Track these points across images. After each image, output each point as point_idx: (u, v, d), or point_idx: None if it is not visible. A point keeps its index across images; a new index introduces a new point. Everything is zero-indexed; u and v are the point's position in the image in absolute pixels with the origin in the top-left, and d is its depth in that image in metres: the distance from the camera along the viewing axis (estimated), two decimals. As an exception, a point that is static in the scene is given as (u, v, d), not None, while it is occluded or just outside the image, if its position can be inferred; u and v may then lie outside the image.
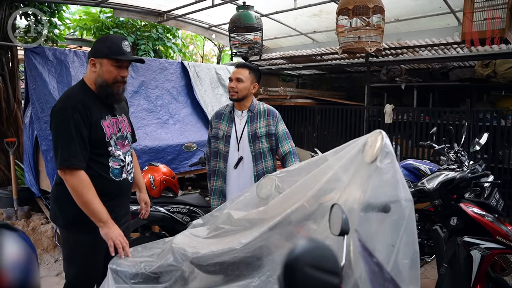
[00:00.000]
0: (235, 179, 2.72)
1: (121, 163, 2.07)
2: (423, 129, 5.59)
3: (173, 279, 1.69)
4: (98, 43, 2.04)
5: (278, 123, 2.79)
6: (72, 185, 1.87)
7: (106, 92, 2.01)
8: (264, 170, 2.69)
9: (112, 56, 1.96)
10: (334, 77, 8.76)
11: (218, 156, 2.75)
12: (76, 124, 1.87)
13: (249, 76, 2.70)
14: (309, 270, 0.64)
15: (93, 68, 1.99)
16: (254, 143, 2.69)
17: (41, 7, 5.53)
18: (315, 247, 0.69)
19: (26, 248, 1.02)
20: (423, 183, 2.66)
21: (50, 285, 3.49)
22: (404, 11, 4.93)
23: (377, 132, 1.42)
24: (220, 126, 2.76)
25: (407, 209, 1.34)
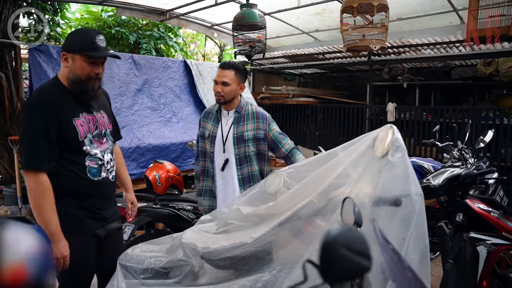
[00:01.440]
0: (220, 181, 2.63)
1: (98, 161, 1.95)
2: (425, 128, 5.60)
3: (183, 274, 1.69)
4: (70, 37, 1.91)
5: (270, 125, 2.64)
6: (29, 187, 1.76)
7: (80, 88, 1.88)
8: (250, 174, 2.59)
9: (84, 52, 1.83)
10: (335, 76, 8.78)
11: (205, 156, 2.67)
12: (43, 122, 1.76)
13: (235, 78, 2.52)
14: (344, 251, 0.66)
15: (65, 63, 1.87)
16: (239, 145, 2.56)
17: (44, 6, 5.55)
18: (349, 229, 0.71)
19: (42, 240, 1.03)
20: (428, 180, 2.67)
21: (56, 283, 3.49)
22: (406, 10, 4.94)
23: (387, 127, 1.43)
24: (207, 125, 2.66)
25: (417, 203, 1.35)
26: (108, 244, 2.01)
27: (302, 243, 1.58)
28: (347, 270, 0.68)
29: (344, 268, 0.68)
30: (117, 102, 4.20)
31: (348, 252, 0.66)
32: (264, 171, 2.66)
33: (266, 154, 2.66)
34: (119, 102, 4.22)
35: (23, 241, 0.98)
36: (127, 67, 4.44)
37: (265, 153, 2.65)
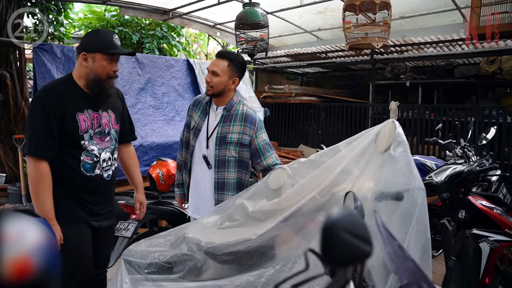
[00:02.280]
0: (199, 178, 2.41)
1: (94, 158, 1.99)
2: (428, 126, 5.60)
3: (187, 269, 1.71)
4: (89, 38, 2.00)
5: (258, 132, 2.35)
6: (29, 171, 1.88)
7: (99, 87, 1.98)
8: (225, 181, 2.32)
9: (105, 50, 1.93)
10: (338, 75, 8.77)
11: (186, 147, 2.50)
12: (48, 115, 1.86)
13: (227, 70, 2.28)
14: (345, 235, 0.67)
15: (84, 63, 1.94)
16: (220, 147, 2.31)
17: (48, 6, 5.57)
18: (349, 213, 0.71)
19: (48, 233, 1.04)
20: (430, 177, 2.67)
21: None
22: (409, 8, 4.93)
23: (390, 122, 1.44)
24: (194, 115, 2.43)
25: (419, 197, 1.36)
26: (97, 243, 2.06)
27: (305, 239, 1.60)
28: (348, 255, 0.69)
29: (345, 253, 0.68)
30: (121, 101, 4.22)
31: (349, 236, 0.67)
32: (245, 181, 2.39)
33: (248, 163, 2.41)
34: (122, 100, 4.24)
35: (29, 234, 0.98)
36: (130, 66, 4.46)
37: (247, 162, 2.39)
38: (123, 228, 3.03)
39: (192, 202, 2.48)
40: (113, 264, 2.82)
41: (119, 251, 2.78)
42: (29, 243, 0.96)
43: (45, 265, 0.96)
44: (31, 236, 0.97)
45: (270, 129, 7.45)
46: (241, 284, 1.53)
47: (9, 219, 0.99)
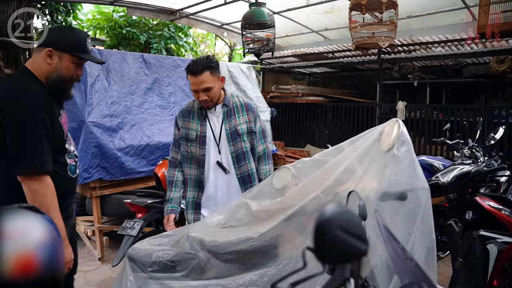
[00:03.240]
0: (215, 187, 2.29)
1: (75, 158, 1.94)
2: (436, 127, 5.55)
3: (190, 268, 1.71)
4: (60, 34, 1.81)
5: (257, 119, 2.41)
6: (36, 191, 1.66)
7: (59, 88, 1.81)
8: (250, 173, 2.32)
9: (76, 53, 1.77)
10: (345, 75, 8.74)
11: (189, 162, 2.29)
12: (44, 124, 1.69)
13: (212, 77, 2.17)
14: (339, 232, 0.66)
15: (48, 60, 1.75)
16: (234, 142, 2.28)
17: (57, 7, 5.64)
18: (344, 211, 0.71)
19: (52, 230, 1.05)
20: (437, 177, 2.65)
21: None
22: (416, 7, 4.89)
23: (393, 121, 1.43)
24: (191, 125, 2.29)
25: (423, 197, 1.35)
26: None
27: (307, 238, 1.59)
28: (342, 253, 0.68)
29: (339, 250, 0.68)
30: (128, 101, 4.24)
31: (343, 233, 0.66)
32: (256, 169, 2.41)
33: (255, 150, 2.41)
34: (129, 100, 4.26)
35: (34, 230, 0.99)
36: (138, 66, 4.48)
37: (255, 149, 2.40)
38: (129, 226, 3.05)
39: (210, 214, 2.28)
40: (118, 262, 2.84)
41: (125, 249, 2.80)
42: (33, 239, 0.96)
43: (49, 262, 0.97)
44: (36, 232, 0.98)
45: (276, 129, 7.44)
46: (243, 283, 1.53)
47: (14, 215, 1.00)
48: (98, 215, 3.92)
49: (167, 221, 2.24)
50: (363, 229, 0.70)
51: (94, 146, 3.75)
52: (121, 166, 3.92)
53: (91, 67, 4.00)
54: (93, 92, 3.93)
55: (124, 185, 4.06)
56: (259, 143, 2.40)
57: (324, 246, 0.67)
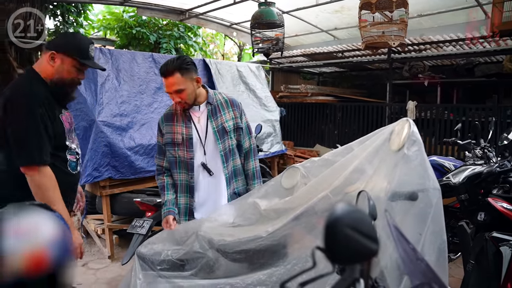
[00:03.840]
0: (205, 189, 2.22)
1: (76, 155, 2.01)
2: (446, 127, 5.49)
3: (199, 267, 1.72)
4: (65, 38, 1.93)
5: (242, 115, 2.34)
6: (38, 182, 1.76)
7: (60, 90, 1.90)
8: (233, 169, 2.26)
9: (77, 57, 1.86)
10: (355, 75, 8.70)
11: (178, 167, 2.22)
12: (43, 119, 1.78)
13: (184, 79, 2.10)
14: (349, 232, 0.65)
15: (51, 62, 1.85)
16: (222, 139, 2.21)
17: (68, 8, 5.70)
18: (354, 210, 0.70)
19: (63, 227, 1.06)
20: (448, 178, 2.62)
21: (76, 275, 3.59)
22: (427, 6, 4.84)
23: (404, 120, 1.41)
24: (175, 129, 2.21)
25: (434, 197, 1.33)
26: None
27: (317, 238, 1.58)
28: (352, 252, 0.67)
29: (349, 250, 0.67)
30: (137, 100, 4.26)
31: (353, 233, 0.65)
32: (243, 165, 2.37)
33: (242, 147, 2.35)
34: (139, 100, 4.28)
35: (45, 227, 1.00)
36: (147, 65, 4.50)
37: (242, 145, 2.34)
38: (138, 225, 3.06)
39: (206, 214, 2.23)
40: (128, 260, 2.86)
41: (134, 248, 2.81)
42: (45, 236, 0.97)
43: (60, 258, 0.98)
44: (47, 230, 0.99)
45: (286, 129, 7.43)
46: (252, 283, 1.52)
47: (25, 212, 1.01)
48: (108, 214, 3.95)
49: (166, 223, 2.13)
50: (374, 228, 0.69)
51: (104, 145, 3.78)
52: (131, 165, 3.95)
53: (102, 67, 4.03)
54: (103, 92, 3.95)
55: (133, 184, 4.09)
56: (246, 139, 2.34)
57: (334, 245, 0.67)
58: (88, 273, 3.60)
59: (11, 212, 1.01)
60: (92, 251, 4.11)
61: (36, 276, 0.93)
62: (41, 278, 0.94)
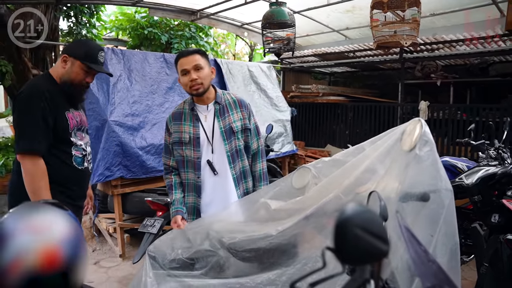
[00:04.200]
0: (212, 189, 2.20)
1: (82, 152, 2.14)
2: (459, 127, 5.42)
3: (209, 266, 1.72)
4: (76, 44, 2.15)
5: (251, 116, 2.32)
6: (27, 170, 1.89)
7: (69, 89, 2.07)
8: (241, 170, 2.24)
9: (85, 61, 2.03)
10: (366, 75, 8.64)
11: (186, 166, 2.21)
12: (42, 111, 1.92)
13: (204, 61, 2.15)
14: (359, 232, 0.65)
15: (63, 64, 2.05)
16: (229, 140, 2.20)
17: (82, 9, 5.77)
18: (364, 210, 0.69)
19: (76, 225, 1.07)
20: (461, 179, 2.58)
21: (88, 273, 3.63)
22: (440, 5, 4.78)
23: (415, 120, 1.40)
24: (183, 128, 2.20)
25: (446, 198, 1.32)
26: None
27: (327, 238, 1.57)
28: (362, 253, 0.66)
29: (359, 250, 0.66)
30: (149, 100, 4.30)
31: (363, 233, 0.65)
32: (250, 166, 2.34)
33: (250, 148, 2.33)
34: (150, 100, 4.31)
35: (58, 225, 1.01)
36: (159, 66, 4.53)
37: (250, 146, 2.32)
38: (149, 224, 3.08)
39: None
40: (139, 259, 2.88)
41: (145, 247, 2.83)
42: (58, 234, 0.99)
43: (72, 256, 0.99)
44: (60, 227, 1.01)
45: (297, 129, 7.41)
46: (262, 282, 1.52)
47: (39, 210, 1.03)
48: (120, 213, 3.98)
49: (175, 223, 2.11)
50: (384, 229, 0.68)
51: (116, 145, 3.82)
52: (142, 164, 3.98)
53: (114, 67, 4.08)
54: (115, 92, 3.99)
55: (145, 183, 4.12)
56: (254, 140, 2.32)
57: (344, 245, 0.66)
58: (100, 271, 3.64)
59: (25, 210, 1.03)
60: (103, 250, 4.15)
61: (49, 273, 0.94)
62: (54, 275, 0.95)
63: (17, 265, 0.91)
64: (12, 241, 0.93)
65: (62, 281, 0.98)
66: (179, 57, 2.17)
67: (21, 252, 0.92)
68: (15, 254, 0.92)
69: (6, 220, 0.98)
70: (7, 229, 0.95)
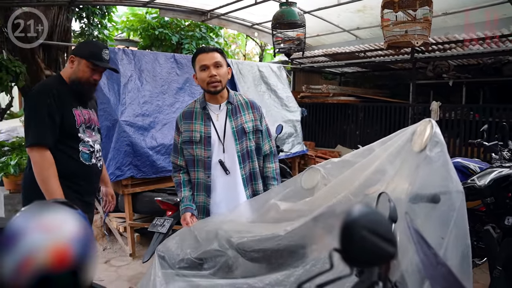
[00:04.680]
0: (222, 189, 2.20)
1: (90, 148, 2.21)
2: (472, 128, 5.34)
3: (218, 266, 1.72)
4: (82, 45, 2.32)
5: (262, 118, 2.33)
6: (36, 161, 2.00)
7: (78, 87, 2.16)
8: (252, 172, 2.24)
9: (90, 59, 2.13)
10: (377, 75, 8.57)
11: (196, 165, 2.20)
12: (49, 108, 2.02)
13: (223, 60, 2.17)
14: (366, 233, 0.64)
15: (71, 64, 2.16)
16: (240, 140, 2.19)
17: (94, 10, 5.83)
18: (371, 212, 0.68)
19: (85, 224, 1.08)
20: (473, 180, 2.55)
21: (98, 271, 3.66)
22: (453, 3, 4.72)
23: (426, 121, 1.38)
24: (194, 127, 2.19)
25: (457, 200, 1.29)
26: None
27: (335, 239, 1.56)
28: (369, 254, 0.66)
29: (366, 252, 0.65)
30: (159, 100, 4.32)
31: (370, 234, 0.64)
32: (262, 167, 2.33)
33: (261, 149, 2.32)
34: (161, 100, 4.34)
35: (68, 224, 1.02)
36: (169, 66, 4.56)
37: (261, 148, 2.31)
38: (159, 224, 3.10)
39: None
40: (148, 258, 2.90)
41: (154, 246, 2.85)
42: (68, 232, 1.00)
43: (81, 255, 1.00)
44: (70, 226, 1.02)
45: (307, 129, 7.39)
46: (270, 283, 1.52)
47: (49, 209, 1.04)
48: (130, 212, 4.02)
49: (184, 220, 2.15)
50: (392, 231, 0.67)
51: (126, 145, 3.85)
52: (153, 164, 4.00)
53: (125, 68, 4.11)
54: (126, 92, 4.03)
55: (155, 183, 4.15)
56: (265, 142, 2.32)
57: (350, 247, 0.65)
58: (110, 270, 3.67)
59: (36, 209, 1.05)
60: (114, 249, 4.19)
61: (59, 271, 0.95)
62: (64, 274, 0.96)
63: (28, 263, 0.92)
64: (23, 240, 0.94)
65: (72, 279, 0.99)
66: (199, 53, 2.17)
67: (32, 251, 0.93)
68: (26, 253, 0.93)
69: (17, 219, 1.00)
70: (18, 228, 0.96)
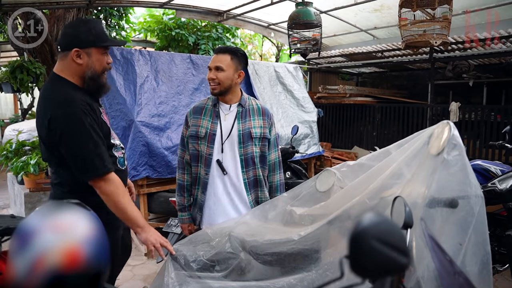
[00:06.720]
0: (219, 188, 2.19)
1: (122, 150, 1.97)
2: (493, 129, 5.21)
3: (230, 268, 1.71)
4: (78, 32, 1.77)
5: (272, 127, 2.30)
6: (109, 192, 1.73)
7: (97, 84, 1.83)
8: (258, 179, 2.21)
9: (100, 44, 1.78)
10: (395, 75, 8.45)
11: (199, 161, 2.20)
12: (93, 128, 1.73)
13: (231, 63, 2.14)
14: (376, 244, 0.61)
15: (78, 60, 1.76)
16: (245, 144, 2.18)
17: (111, 12, 5.91)
18: (383, 221, 0.66)
19: (99, 226, 1.08)
20: (494, 184, 2.48)
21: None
22: (474, 1, 4.60)
23: (444, 123, 1.34)
24: (201, 122, 2.20)
25: (477, 205, 1.25)
26: None
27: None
28: (378, 266, 0.63)
29: (375, 263, 0.63)
30: (175, 101, 4.35)
31: (380, 245, 0.61)
32: (266, 176, 2.30)
33: (266, 158, 2.28)
34: (177, 100, 4.36)
35: (81, 225, 1.02)
36: (185, 66, 4.58)
37: (266, 157, 2.27)
38: (174, 224, 3.11)
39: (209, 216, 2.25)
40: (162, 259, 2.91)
41: (169, 246, 2.86)
42: (81, 234, 1.00)
43: (94, 255, 1.00)
44: (83, 227, 1.02)
45: (323, 130, 7.33)
46: (282, 286, 1.50)
47: (63, 210, 1.05)
48: (145, 212, 4.05)
49: (185, 230, 2.26)
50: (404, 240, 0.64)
51: (142, 145, 3.88)
52: (168, 164, 4.03)
53: (141, 68, 4.15)
54: (142, 93, 4.06)
55: (170, 183, 4.17)
56: (272, 151, 2.29)
57: (360, 258, 0.63)
58: (125, 269, 3.70)
59: (49, 209, 1.06)
60: (130, 248, 4.23)
61: (72, 272, 0.95)
62: (76, 275, 0.97)
63: (41, 263, 0.93)
64: (36, 239, 0.95)
65: (85, 280, 0.99)
66: (214, 51, 2.21)
67: (44, 251, 0.94)
68: (39, 252, 0.94)
69: (31, 219, 1.01)
70: (31, 227, 0.97)
